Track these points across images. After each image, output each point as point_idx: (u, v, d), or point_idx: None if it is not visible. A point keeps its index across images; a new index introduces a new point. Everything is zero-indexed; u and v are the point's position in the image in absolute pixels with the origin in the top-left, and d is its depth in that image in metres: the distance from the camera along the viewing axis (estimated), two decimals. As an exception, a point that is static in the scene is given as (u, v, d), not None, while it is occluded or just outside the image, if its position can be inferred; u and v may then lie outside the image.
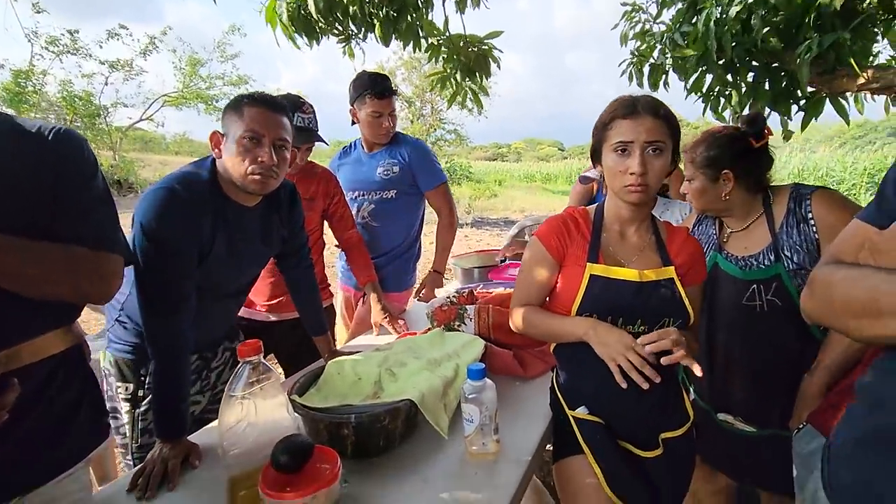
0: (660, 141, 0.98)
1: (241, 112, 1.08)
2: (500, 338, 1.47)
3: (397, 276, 2.10)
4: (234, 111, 1.09)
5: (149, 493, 0.91)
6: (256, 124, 1.06)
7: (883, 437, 0.58)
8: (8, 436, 0.76)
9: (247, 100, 1.10)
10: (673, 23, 2.36)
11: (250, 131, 1.06)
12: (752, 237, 1.25)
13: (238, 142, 1.06)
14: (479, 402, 0.97)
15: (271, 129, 1.08)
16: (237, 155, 1.07)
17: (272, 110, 1.10)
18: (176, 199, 1.03)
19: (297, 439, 0.76)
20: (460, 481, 0.94)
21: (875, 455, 0.59)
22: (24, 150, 0.76)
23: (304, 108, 1.66)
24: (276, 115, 1.10)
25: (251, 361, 0.85)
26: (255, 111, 1.08)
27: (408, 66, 18.54)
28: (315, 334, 1.47)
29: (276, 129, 1.09)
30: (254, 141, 1.07)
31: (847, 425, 0.66)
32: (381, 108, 1.92)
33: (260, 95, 1.12)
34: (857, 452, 0.62)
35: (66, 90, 14.20)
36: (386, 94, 1.92)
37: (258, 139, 1.07)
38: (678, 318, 1.02)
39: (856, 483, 0.61)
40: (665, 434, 1.03)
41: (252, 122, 1.06)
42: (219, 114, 1.21)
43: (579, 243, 1.07)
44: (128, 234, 0.94)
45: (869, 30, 1.95)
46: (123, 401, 1.19)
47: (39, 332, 0.80)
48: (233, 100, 1.12)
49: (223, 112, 1.12)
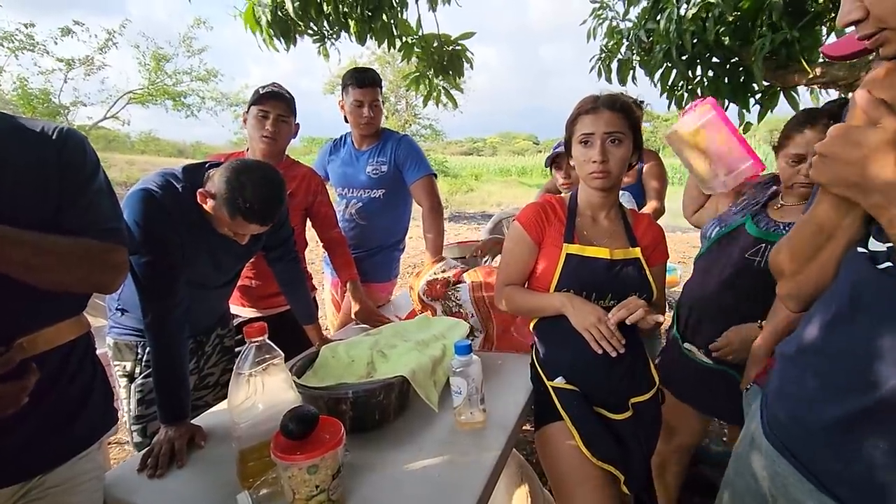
0: (618, 132, 1.10)
1: (236, 219, 1.10)
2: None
3: (382, 267, 2.15)
4: (227, 209, 1.09)
5: (159, 472, 0.96)
6: (240, 229, 1.15)
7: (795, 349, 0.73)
8: (27, 419, 0.80)
9: (242, 207, 1.08)
10: (639, 20, 2.48)
11: (237, 235, 1.19)
12: (799, 212, 1.32)
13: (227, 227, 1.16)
14: (466, 376, 1.06)
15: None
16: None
17: (261, 223, 1.13)
18: (154, 200, 1.10)
19: (304, 409, 0.83)
20: (451, 447, 1.03)
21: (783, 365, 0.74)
22: (28, 149, 0.80)
23: (275, 84, 1.66)
24: (263, 228, 1.16)
25: (257, 342, 0.91)
26: (241, 223, 1.10)
27: (381, 62, 18.44)
28: (305, 323, 1.53)
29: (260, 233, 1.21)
30: (241, 236, 1.20)
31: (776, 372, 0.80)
32: (362, 97, 1.95)
33: (253, 210, 1.09)
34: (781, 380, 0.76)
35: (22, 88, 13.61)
36: (366, 83, 1.95)
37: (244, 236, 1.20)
38: (643, 293, 1.13)
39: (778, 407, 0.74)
40: (634, 398, 1.14)
41: (238, 227, 1.14)
42: (187, 111, 1.25)
43: (556, 227, 1.18)
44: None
45: (816, 28, 2.11)
46: (120, 377, 1.27)
47: (52, 322, 0.85)
48: (228, 197, 1.08)
49: (216, 200, 1.10)
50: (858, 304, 0.64)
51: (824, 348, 0.68)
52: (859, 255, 0.65)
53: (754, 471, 0.78)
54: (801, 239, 0.73)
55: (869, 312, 0.63)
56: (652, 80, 2.52)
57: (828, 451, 0.65)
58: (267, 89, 1.62)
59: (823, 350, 0.68)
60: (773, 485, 0.74)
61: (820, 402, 0.66)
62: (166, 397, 1.09)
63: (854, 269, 0.66)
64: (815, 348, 0.70)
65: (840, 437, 0.64)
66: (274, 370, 0.92)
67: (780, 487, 0.72)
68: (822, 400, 0.66)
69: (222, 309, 1.47)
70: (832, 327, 0.68)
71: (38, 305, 0.82)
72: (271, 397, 0.91)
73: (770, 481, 0.74)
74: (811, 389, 0.68)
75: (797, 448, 0.69)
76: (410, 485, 0.92)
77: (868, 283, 0.63)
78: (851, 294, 0.65)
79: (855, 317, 0.64)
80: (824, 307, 0.70)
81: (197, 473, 0.98)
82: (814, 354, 0.70)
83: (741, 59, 2.25)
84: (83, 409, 0.89)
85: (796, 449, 0.69)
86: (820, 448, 0.66)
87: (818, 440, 0.66)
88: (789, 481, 0.70)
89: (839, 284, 0.68)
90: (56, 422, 0.85)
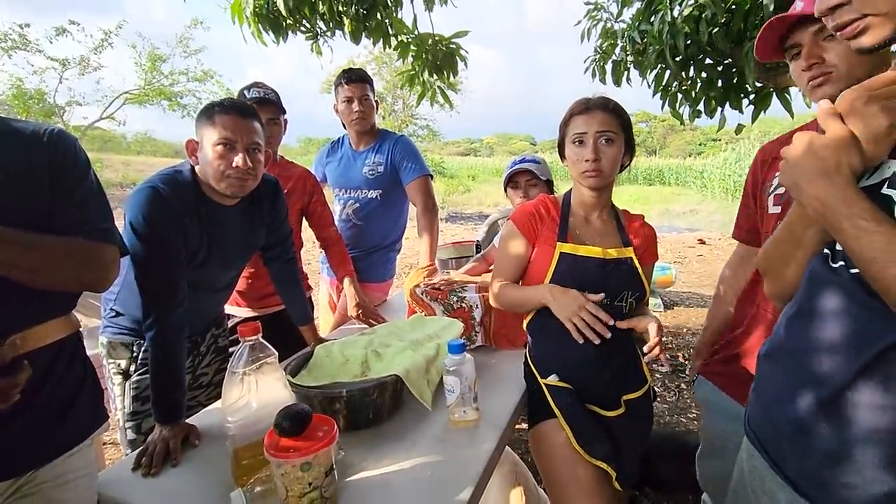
0: (610, 131, 1.12)
1: (213, 120, 1.13)
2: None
3: (378, 267, 2.16)
4: (206, 119, 1.14)
5: (154, 470, 0.97)
6: (229, 131, 1.12)
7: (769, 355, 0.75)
8: (19, 415, 0.81)
9: (218, 108, 1.15)
10: (632, 21, 2.50)
11: (223, 139, 1.12)
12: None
13: (212, 149, 1.12)
14: (459, 374, 1.07)
15: (244, 135, 1.14)
16: (212, 161, 1.13)
17: (243, 116, 1.15)
18: (160, 197, 1.10)
19: (297, 407, 0.83)
20: (444, 445, 1.04)
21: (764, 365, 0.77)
22: (20, 150, 0.81)
23: (258, 84, 1.69)
24: (246, 120, 1.15)
25: (251, 341, 0.92)
26: (227, 118, 1.13)
27: (378, 62, 18.46)
28: (300, 323, 1.53)
29: (249, 133, 1.15)
30: (227, 147, 1.13)
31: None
32: (352, 93, 1.96)
33: (230, 102, 1.17)
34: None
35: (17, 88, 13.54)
36: (354, 79, 1.96)
37: (231, 145, 1.13)
38: (636, 292, 1.15)
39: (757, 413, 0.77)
40: (626, 396, 1.16)
41: (224, 130, 1.12)
42: (183, 111, 1.27)
43: (550, 226, 1.20)
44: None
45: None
46: (115, 374, 1.27)
47: (42, 320, 0.85)
48: (204, 108, 1.17)
49: (196, 120, 1.17)
50: (812, 301, 0.66)
51: (789, 346, 0.71)
52: (821, 254, 0.67)
53: (742, 466, 0.82)
54: (777, 242, 0.75)
55: (821, 310, 0.65)
56: (646, 81, 2.54)
57: (790, 447, 0.68)
58: (252, 93, 1.64)
59: (788, 348, 0.71)
60: (752, 478, 0.77)
61: (786, 400, 0.68)
62: (162, 397, 1.10)
63: (811, 267, 0.68)
64: (783, 347, 0.72)
65: (798, 434, 0.66)
66: (268, 369, 0.93)
67: (757, 480, 0.75)
68: (787, 398, 0.68)
69: (219, 310, 1.47)
70: (794, 325, 0.70)
71: (29, 304, 0.83)
72: (265, 396, 0.91)
73: (750, 475, 0.78)
74: (781, 387, 0.71)
75: (768, 444, 0.73)
76: (403, 482, 0.93)
77: (821, 281, 0.65)
78: (808, 292, 0.68)
79: (811, 314, 0.66)
80: (790, 306, 0.73)
81: (191, 472, 0.99)
82: (783, 353, 0.72)
83: (734, 60, 2.27)
84: (73, 407, 0.90)
85: (767, 445, 0.73)
86: (785, 444, 0.69)
87: (783, 436, 0.69)
88: (765, 475, 0.73)
89: (802, 282, 0.70)
90: (46, 419, 0.86)
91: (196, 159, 1.17)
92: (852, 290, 0.60)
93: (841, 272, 0.62)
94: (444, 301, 1.55)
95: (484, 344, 1.55)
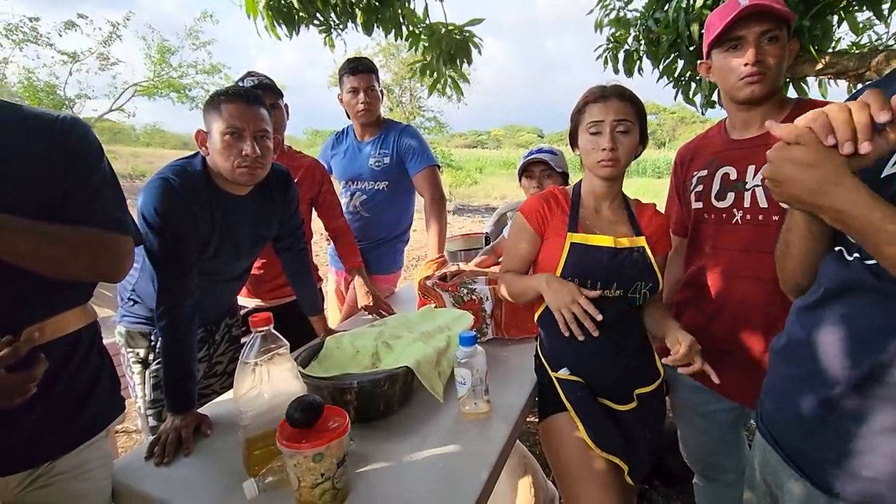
0: (627, 120, 1.09)
1: (220, 109, 1.12)
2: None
3: (386, 259, 2.15)
4: (212, 109, 1.14)
5: (166, 459, 0.97)
6: (236, 119, 1.12)
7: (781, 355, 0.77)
8: (36, 407, 0.81)
9: (223, 96, 1.14)
10: (646, 9, 2.45)
11: (230, 127, 1.12)
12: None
13: (221, 138, 1.12)
14: (470, 366, 1.07)
15: (250, 122, 1.13)
16: (222, 151, 1.13)
17: (248, 103, 1.14)
18: (171, 189, 1.10)
19: (309, 398, 0.83)
20: (455, 437, 1.04)
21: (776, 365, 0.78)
22: (35, 138, 0.81)
23: (252, 73, 1.68)
24: (252, 107, 1.15)
25: (262, 331, 0.92)
26: (233, 107, 1.12)
27: (386, 53, 18.35)
28: (311, 314, 1.53)
29: (256, 121, 1.14)
30: (235, 136, 1.12)
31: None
32: (357, 84, 1.94)
33: (234, 90, 1.16)
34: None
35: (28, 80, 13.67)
36: (360, 69, 1.94)
37: (239, 133, 1.12)
38: (649, 283, 1.13)
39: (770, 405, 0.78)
40: (639, 390, 1.14)
41: (231, 118, 1.12)
42: (192, 103, 1.27)
43: (559, 217, 1.18)
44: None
45: (827, 17, 2.07)
46: (134, 363, 1.28)
47: (59, 311, 0.86)
48: (210, 97, 1.17)
49: (203, 110, 1.16)
50: (829, 294, 0.67)
51: (804, 339, 0.71)
52: (833, 251, 0.68)
53: (753, 461, 0.83)
54: (779, 244, 0.77)
55: (837, 303, 0.65)
56: (659, 70, 2.50)
57: (806, 441, 0.69)
58: (248, 82, 1.63)
59: (803, 341, 0.71)
60: (766, 472, 0.78)
61: (801, 394, 0.69)
62: (174, 387, 1.10)
63: (828, 259, 0.69)
64: (797, 340, 0.73)
65: (814, 427, 0.67)
66: (279, 360, 0.93)
67: (770, 474, 0.76)
68: (802, 391, 0.69)
69: (233, 299, 1.48)
70: (809, 320, 0.71)
71: (45, 294, 0.83)
72: (277, 386, 0.91)
73: (762, 469, 0.79)
74: (795, 381, 0.72)
75: (781, 438, 0.74)
76: (414, 474, 0.92)
77: (837, 274, 0.66)
78: (825, 285, 0.68)
79: (826, 307, 0.67)
80: (804, 299, 0.73)
81: (204, 461, 0.99)
82: (797, 346, 0.73)
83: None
84: (90, 398, 0.90)
85: (781, 439, 0.74)
86: (799, 438, 0.70)
87: (798, 430, 0.70)
88: (778, 468, 0.74)
89: (818, 276, 0.71)
90: (63, 410, 0.86)
91: (206, 150, 1.17)
92: (869, 281, 0.61)
93: (855, 265, 0.63)
94: (455, 293, 1.54)
95: (495, 336, 1.54)
